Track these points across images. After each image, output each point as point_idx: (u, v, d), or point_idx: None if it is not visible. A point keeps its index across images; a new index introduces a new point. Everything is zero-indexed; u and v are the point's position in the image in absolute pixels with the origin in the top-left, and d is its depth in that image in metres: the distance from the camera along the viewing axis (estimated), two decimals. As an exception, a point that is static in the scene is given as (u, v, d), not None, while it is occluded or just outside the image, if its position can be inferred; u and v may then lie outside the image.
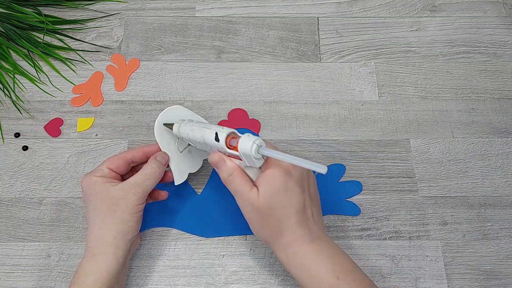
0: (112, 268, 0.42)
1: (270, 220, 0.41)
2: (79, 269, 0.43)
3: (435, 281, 0.51)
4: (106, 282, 0.42)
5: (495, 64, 0.63)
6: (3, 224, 0.53)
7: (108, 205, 0.43)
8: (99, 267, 0.42)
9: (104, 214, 0.43)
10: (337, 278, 0.40)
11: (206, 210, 0.54)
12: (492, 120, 0.59)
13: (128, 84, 0.62)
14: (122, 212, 0.43)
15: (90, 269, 0.42)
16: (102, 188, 0.44)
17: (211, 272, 0.51)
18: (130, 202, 0.44)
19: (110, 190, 0.44)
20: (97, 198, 0.44)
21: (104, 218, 0.43)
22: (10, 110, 0.60)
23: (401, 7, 0.67)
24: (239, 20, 0.66)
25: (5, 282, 0.50)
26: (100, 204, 0.44)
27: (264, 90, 0.61)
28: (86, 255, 0.43)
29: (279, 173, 0.40)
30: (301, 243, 0.41)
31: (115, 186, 0.44)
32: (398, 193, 0.55)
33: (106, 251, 0.43)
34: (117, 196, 0.43)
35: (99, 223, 0.43)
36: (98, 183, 0.44)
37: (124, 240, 0.43)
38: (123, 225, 0.43)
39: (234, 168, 0.42)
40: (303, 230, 0.41)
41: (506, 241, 0.53)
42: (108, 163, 0.46)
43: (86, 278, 0.42)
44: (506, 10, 0.67)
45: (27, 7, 0.65)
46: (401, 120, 0.59)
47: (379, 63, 0.63)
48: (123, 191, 0.44)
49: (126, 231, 0.43)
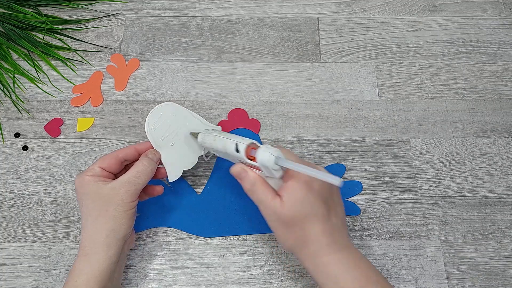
0: (105, 267, 0.42)
1: (294, 229, 0.41)
2: (72, 269, 0.43)
3: (435, 281, 0.51)
4: (99, 281, 0.42)
5: (495, 64, 0.63)
6: (3, 224, 0.53)
7: (100, 204, 0.43)
8: (91, 266, 0.42)
9: (97, 213, 0.43)
10: None
11: (206, 210, 0.54)
12: (492, 120, 0.59)
13: (128, 84, 0.62)
14: (114, 210, 0.43)
15: (82, 269, 0.42)
16: (94, 187, 0.44)
17: (211, 272, 0.51)
18: (122, 200, 0.43)
19: (102, 188, 0.44)
20: (89, 197, 0.44)
21: (97, 217, 0.43)
22: (10, 110, 0.60)
23: (401, 7, 0.67)
24: (239, 20, 0.66)
25: (5, 282, 0.50)
26: (92, 204, 0.43)
27: (264, 90, 0.61)
28: (79, 254, 0.43)
29: (301, 182, 0.41)
30: (328, 252, 0.41)
31: (107, 184, 0.44)
32: (398, 193, 0.55)
33: (98, 250, 0.42)
34: (109, 195, 0.43)
35: (91, 222, 0.43)
36: (90, 182, 0.44)
37: (116, 239, 0.43)
38: (115, 223, 0.43)
39: (256, 178, 0.43)
40: (328, 239, 0.41)
41: (506, 241, 0.53)
42: (99, 162, 0.46)
43: (78, 277, 0.42)
44: (506, 10, 0.67)
45: (27, 7, 0.65)
46: (401, 120, 0.59)
47: (379, 63, 0.63)
48: (114, 189, 0.44)
49: (118, 229, 0.43)
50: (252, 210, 0.53)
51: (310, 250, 0.41)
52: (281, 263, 0.51)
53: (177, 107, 0.51)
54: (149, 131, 0.48)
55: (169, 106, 0.50)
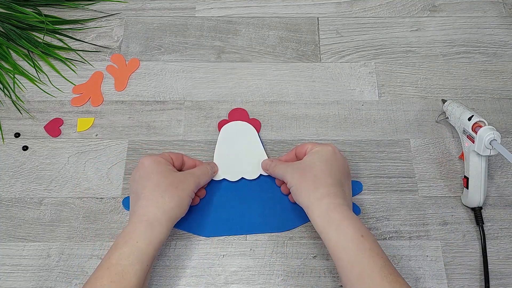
0: (163, 237, 0.45)
1: (308, 176, 0.47)
2: (129, 231, 0.44)
3: (435, 281, 0.51)
4: (155, 249, 0.44)
5: (495, 64, 0.63)
6: (3, 224, 0.53)
7: (171, 181, 0.47)
8: (153, 234, 0.44)
9: (163, 190, 0.46)
10: (361, 236, 0.43)
11: (206, 210, 0.54)
12: (492, 120, 0.59)
13: (128, 84, 0.62)
14: (182, 190, 0.47)
15: (144, 233, 0.43)
16: (166, 169, 0.48)
17: (211, 272, 0.51)
18: (189, 186, 0.48)
19: (172, 173, 0.48)
20: (161, 176, 0.47)
21: (163, 193, 0.46)
22: (10, 110, 0.60)
23: (401, 7, 0.67)
24: (239, 20, 0.66)
25: (5, 282, 0.50)
26: (163, 181, 0.47)
27: (264, 90, 0.61)
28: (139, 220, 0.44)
29: (328, 150, 0.49)
30: (335, 198, 0.45)
31: (176, 171, 0.49)
32: (398, 193, 0.55)
33: (162, 222, 0.45)
34: (178, 179, 0.48)
35: (158, 197, 0.46)
36: (162, 163, 0.48)
37: (176, 216, 0.46)
38: (180, 202, 0.47)
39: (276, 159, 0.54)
40: (336, 189, 0.46)
41: (506, 241, 0.53)
42: (171, 154, 0.51)
43: (140, 240, 0.43)
44: (506, 10, 0.67)
45: (27, 7, 0.65)
46: (401, 120, 0.59)
47: (379, 63, 0.63)
48: (184, 176, 0.49)
49: (179, 209, 0.47)
50: (252, 210, 0.54)
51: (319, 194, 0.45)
52: (281, 263, 0.51)
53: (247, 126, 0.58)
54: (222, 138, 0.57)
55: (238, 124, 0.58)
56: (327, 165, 0.48)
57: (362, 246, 0.42)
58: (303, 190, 0.47)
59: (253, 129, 0.58)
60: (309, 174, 0.47)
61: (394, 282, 0.40)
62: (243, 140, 0.57)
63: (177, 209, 0.46)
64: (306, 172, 0.47)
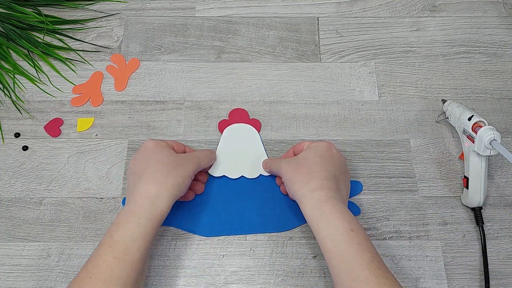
0: (164, 214, 0.46)
1: (302, 169, 0.48)
2: (131, 209, 0.45)
3: (435, 281, 0.51)
4: (157, 226, 0.45)
5: (495, 64, 0.63)
6: (3, 224, 0.53)
7: (174, 161, 0.48)
8: (155, 210, 0.45)
9: (166, 170, 0.47)
10: (351, 230, 0.43)
11: (206, 210, 0.54)
12: (492, 120, 0.59)
13: (128, 84, 0.62)
14: (183, 170, 0.48)
15: (147, 210, 0.44)
16: (169, 152, 0.50)
17: (211, 272, 0.51)
18: (189, 167, 0.49)
19: (174, 154, 0.50)
20: (164, 156, 0.49)
21: (166, 173, 0.47)
22: (10, 110, 0.60)
23: (401, 7, 0.67)
24: (239, 20, 0.66)
25: (5, 282, 0.50)
26: (166, 162, 0.48)
27: (264, 90, 0.61)
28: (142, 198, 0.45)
29: (324, 145, 0.50)
30: (327, 191, 0.46)
31: (178, 154, 0.50)
32: (398, 193, 0.55)
33: (164, 199, 0.46)
34: (179, 162, 0.49)
35: (160, 176, 0.47)
36: (165, 147, 0.50)
37: (176, 194, 0.47)
38: (180, 180, 0.48)
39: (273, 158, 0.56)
40: (330, 183, 0.46)
41: (506, 241, 0.53)
42: (173, 141, 0.53)
43: (142, 216, 0.44)
44: (506, 10, 0.67)
45: (27, 7, 0.65)
46: (401, 120, 0.59)
47: (379, 63, 0.63)
48: (186, 157, 0.50)
49: (179, 188, 0.48)
50: (251, 210, 0.54)
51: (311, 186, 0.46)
52: (281, 263, 0.51)
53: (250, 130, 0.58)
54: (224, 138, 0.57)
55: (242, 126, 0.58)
56: (321, 159, 0.48)
57: (351, 240, 0.42)
58: (296, 182, 0.47)
59: (255, 131, 0.58)
60: (303, 167, 0.48)
61: (381, 276, 0.41)
62: (245, 141, 0.57)
63: (177, 188, 0.47)
64: (300, 165, 0.48)
